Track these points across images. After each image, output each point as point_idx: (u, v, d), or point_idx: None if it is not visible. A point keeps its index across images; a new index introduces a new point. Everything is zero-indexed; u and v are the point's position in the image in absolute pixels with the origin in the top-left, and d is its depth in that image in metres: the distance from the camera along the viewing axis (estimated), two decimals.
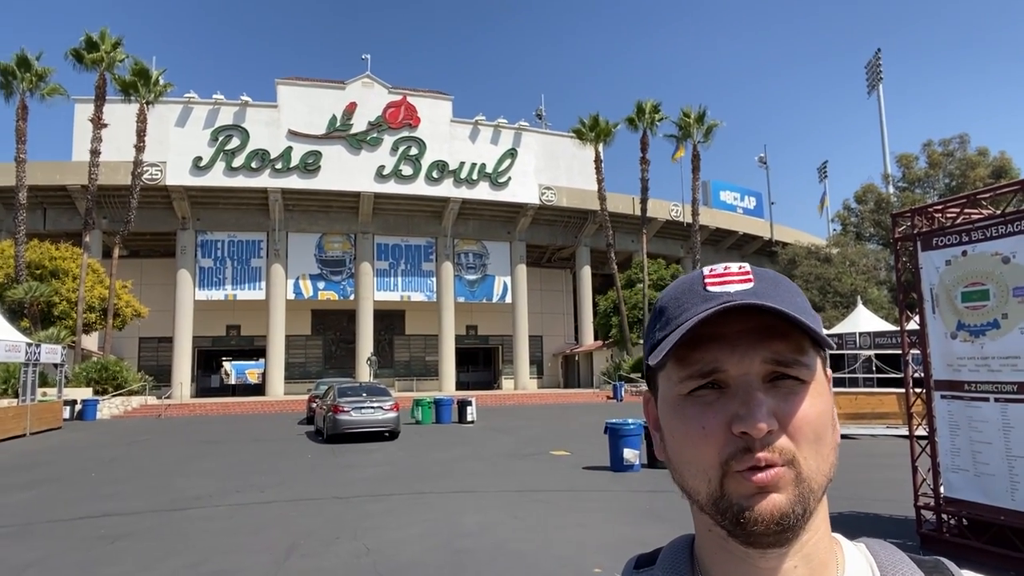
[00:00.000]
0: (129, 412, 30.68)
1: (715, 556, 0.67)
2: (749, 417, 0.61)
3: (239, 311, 45.05)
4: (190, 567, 6.67)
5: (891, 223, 7.85)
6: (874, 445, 16.24)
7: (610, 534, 7.72)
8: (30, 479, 12.81)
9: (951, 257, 6.76)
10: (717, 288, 0.66)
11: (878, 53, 55.90)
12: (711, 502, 0.63)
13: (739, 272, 0.68)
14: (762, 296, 0.64)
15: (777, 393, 0.63)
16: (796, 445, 0.62)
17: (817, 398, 0.64)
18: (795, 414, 0.63)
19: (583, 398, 38.09)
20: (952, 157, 41.84)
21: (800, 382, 0.64)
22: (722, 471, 0.62)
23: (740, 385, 0.63)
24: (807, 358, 0.64)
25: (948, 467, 6.78)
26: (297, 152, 41.76)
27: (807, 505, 0.62)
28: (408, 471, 13.12)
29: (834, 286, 39.22)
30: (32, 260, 33.00)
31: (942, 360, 6.86)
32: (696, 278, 0.69)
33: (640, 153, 43.42)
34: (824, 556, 0.66)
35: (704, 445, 0.63)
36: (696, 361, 0.64)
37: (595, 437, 16.41)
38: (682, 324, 0.64)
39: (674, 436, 0.67)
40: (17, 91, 32.51)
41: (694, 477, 0.65)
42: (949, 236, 6.79)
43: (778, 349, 0.63)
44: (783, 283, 0.67)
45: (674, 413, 0.67)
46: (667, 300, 0.70)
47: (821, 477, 0.63)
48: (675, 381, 0.66)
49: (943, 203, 7.22)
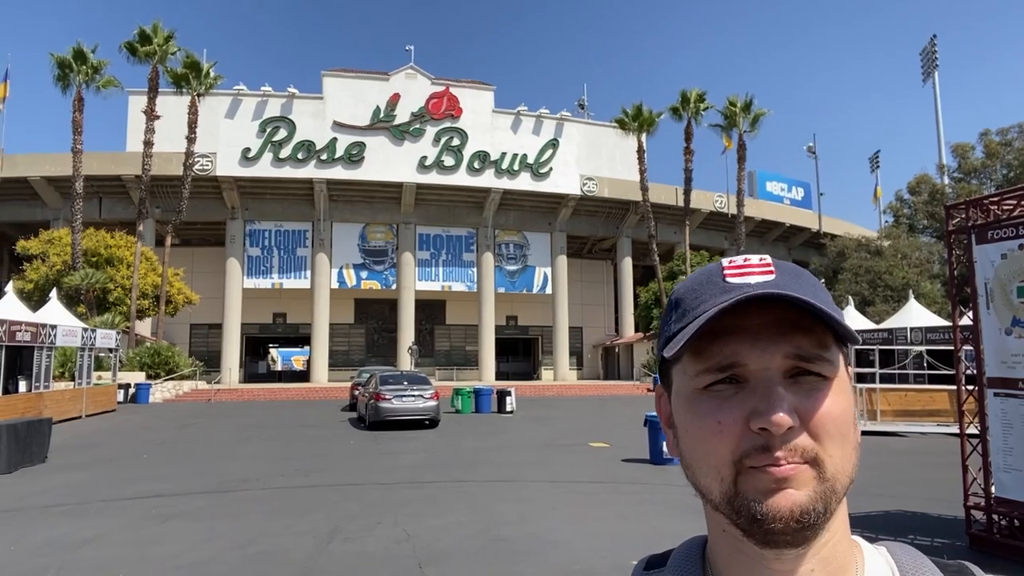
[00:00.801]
0: (180, 396, 31.61)
1: (728, 558, 0.65)
2: (769, 412, 0.58)
3: (285, 299, 45.95)
4: (237, 547, 6.87)
5: (945, 215, 7.62)
6: (923, 443, 15.84)
7: (649, 527, 7.70)
8: (85, 459, 13.32)
9: (1007, 251, 6.54)
10: (737, 279, 0.63)
11: (933, 39, 54.03)
12: (725, 500, 0.61)
13: (760, 264, 0.65)
14: (784, 288, 0.61)
15: (799, 389, 0.60)
16: (820, 443, 0.59)
17: (840, 395, 0.62)
18: (818, 411, 0.60)
19: (623, 390, 37.90)
20: (1011, 147, 40.28)
21: (823, 378, 0.61)
22: (736, 469, 0.60)
23: (760, 380, 0.60)
24: (830, 354, 0.62)
25: (1000, 466, 6.58)
26: (342, 143, 42.29)
27: (828, 504, 0.59)
28: (447, 459, 13.27)
29: (884, 280, 38.15)
30: (88, 248, 34.14)
31: (996, 357, 6.65)
32: (715, 269, 0.66)
33: (684, 143, 42.90)
34: (843, 559, 0.63)
35: (718, 441, 0.60)
36: (714, 354, 0.61)
37: (635, 429, 16.34)
38: (699, 316, 0.62)
39: (688, 432, 0.64)
40: (74, 83, 33.53)
41: (707, 475, 0.62)
42: (1005, 229, 6.57)
43: (801, 344, 0.60)
44: (805, 276, 0.65)
45: (689, 408, 0.64)
46: (684, 291, 0.67)
47: (844, 477, 0.61)
48: (691, 375, 0.64)
49: (999, 195, 6.97)
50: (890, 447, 15.09)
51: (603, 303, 53.52)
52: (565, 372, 46.98)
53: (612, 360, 50.88)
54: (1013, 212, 6.66)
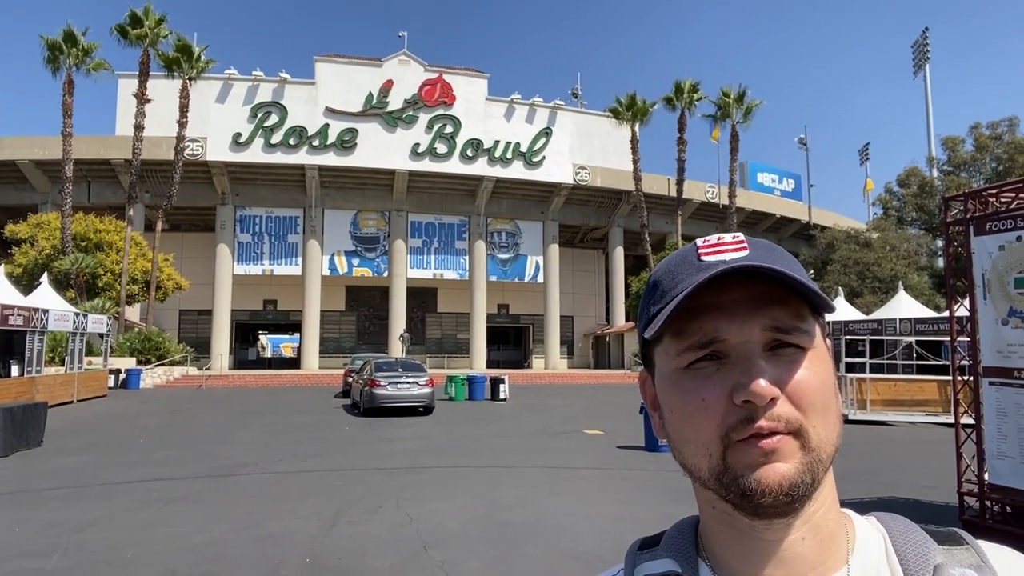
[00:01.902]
0: (171, 382, 31.52)
1: (719, 534, 0.66)
2: (751, 384, 0.59)
3: (276, 286, 45.78)
4: (242, 530, 6.92)
5: (943, 207, 7.73)
6: (913, 432, 16.07)
7: (647, 511, 7.81)
8: (81, 444, 13.30)
9: (1005, 243, 6.64)
10: (712, 257, 0.64)
11: (925, 32, 54.34)
12: (714, 477, 0.61)
13: (734, 241, 0.65)
14: (758, 262, 0.62)
15: (779, 362, 0.61)
16: (803, 413, 0.60)
17: (820, 365, 0.63)
18: (799, 382, 0.61)
19: (614, 379, 38.11)
20: (1000, 140, 40.68)
21: (801, 349, 0.62)
22: (723, 444, 0.60)
23: (740, 354, 0.61)
24: (807, 324, 0.63)
25: (994, 454, 6.72)
26: (334, 129, 42.06)
27: (815, 475, 0.60)
28: (445, 445, 13.35)
29: (873, 271, 38.50)
30: (77, 232, 33.84)
31: (992, 347, 6.77)
32: (690, 249, 0.67)
33: (677, 133, 42.95)
34: (833, 527, 0.64)
35: (704, 419, 0.61)
36: (694, 332, 0.62)
37: (627, 417, 16.50)
38: (677, 295, 0.62)
39: (673, 412, 0.65)
40: (64, 66, 33.09)
41: (695, 453, 0.63)
42: (1004, 221, 6.67)
43: (778, 316, 0.62)
44: (778, 251, 0.66)
45: (672, 388, 0.65)
46: (661, 273, 0.68)
47: (829, 446, 0.61)
48: (672, 355, 0.64)
49: (998, 187, 7.08)
50: (880, 436, 15.31)
51: (594, 292, 53.67)
52: (556, 361, 47.14)
53: (603, 349, 51.09)
54: (1011, 204, 6.76)
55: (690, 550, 0.69)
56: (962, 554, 0.63)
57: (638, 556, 0.73)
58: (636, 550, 0.74)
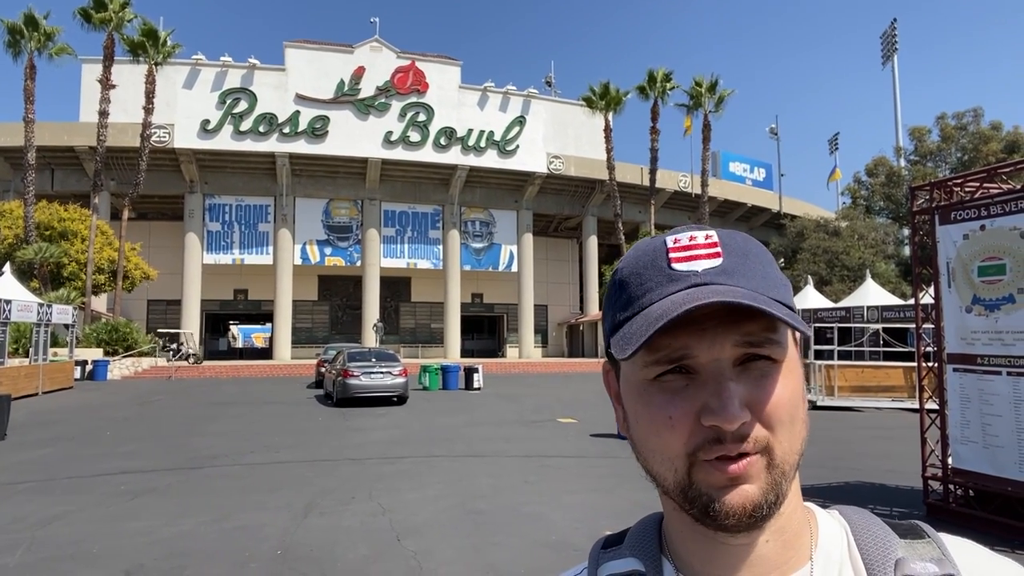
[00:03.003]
0: (139, 373, 31.01)
1: (683, 534, 0.65)
2: (722, 410, 0.57)
3: (246, 275, 45.20)
4: (213, 522, 6.84)
5: (909, 196, 7.85)
6: (879, 418, 16.39)
7: (620, 499, 7.86)
8: (46, 436, 13.03)
9: (969, 231, 6.77)
10: (683, 265, 0.61)
11: (894, 23, 55.09)
12: (679, 490, 0.60)
13: (706, 244, 0.62)
14: (732, 273, 0.60)
15: (749, 377, 0.59)
16: (771, 431, 0.59)
17: (790, 377, 0.61)
18: (769, 400, 0.59)
19: (588, 367, 38.31)
20: (965, 131, 41.43)
21: (772, 362, 0.60)
22: (689, 461, 0.59)
23: (711, 372, 0.59)
24: (779, 335, 0.60)
25: (957, 439, 6.87)
26: (305, 116, 41.51)
27: (780, 491, 0.59)
28: (418, 435, 13.31)
29: (842, 260, 39.12)
30: (41, 221, 33.07)
31: (956, 334, 6.91)
32: (659, 249, 0.64)
33: (650, 123, 43.10)
34: (797, 527, 0.64)
35: (670, 436, 0.60)
36: (663, 347, 0.59)
37: (600, 406, 16.60)
38: (645, 308, 0.60)
39: (639, 422, 0.63)
40: (25, 50, 32.21)
41: (659, 465, 0.62)
42: (968, 210, 6.79)
43: (750, 330, 0.59)
44: (752, 252, 0.63)
45: (639, 399, 0.63)
46: (627, 273, 0.64)
47: (793, 456, 0.60)
48: (640, 366, 0.62)
49: (962, 177, 7.20)
50: (848, 421, 15.59)
51: (568, 281, 53.83)
52: (530, 350, 47.26)
53: (577, 338, 51.33)
54: (975, 194, 6.89)
55: (654, 549, 0.69)
56: (923, 547, 0.63)
57: (602, 555, 0.72)
58: (600, 549, 0.73)
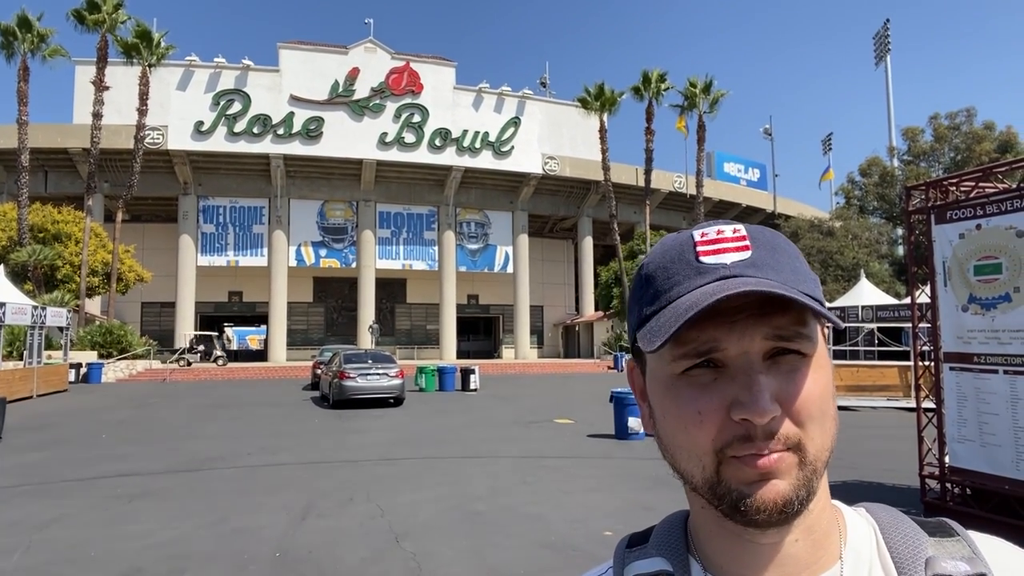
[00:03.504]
0: (134, 376, 30.90)
1: (710, 533, 0.64)
2: (752, 404, 0.56)
3: (241, 277, 45.11)
4: (210, 525, 6.81)
5: (904, 196, 7.87)
6: (875, 417, 16.42)
7: (619, 499, 7.87)
8: (41, 440, 12.97)
9: (965, 231, 6.79)
10: (711, 259, 0.60)
11: (887, 24, 55.27)
12: (707, 487, 0.59)
13: (734, 237, 0.61)
14: (761, 266, 0.59)
15: (779, 371, 0.58)
16: (802, 427, 0.58)
17: (820, 371, 0.60)
18: (799, 395, 0.58)
19: (584, 368, 38.34)
20: (958, 131, 41.60)
21: (802, 356, 0.59)
22: (718, 458, 0.58)
23: (740, 366, 0.58)
24: (809, 329, 0.59)
25: (954, 437, 6.89)
26: (299, 118, 41.46)
27: (811, 487, 0.58)
28: (416, 436, 13.30)
29: (836, 259, 39.24)
30: (35, 223, 32.93)
31: (952, 333, 6.93)
32: (686, 243, 0.62)
33: (645, 123, 43.19)
34: (826, 526, 0.63)
35: (699, 431, 0.58)
36: (692, 340, 0.58)
37: (597, 406, 16.61)
38: (673, 300, 0.59)
39: (666, 418, 0.62)
40: (19, 52, 32.10)
41: (687, 461, 0.60)
42: (964, 210, 6.81)
43: (779, 323, 0.58)
44: (780, 246, 0.62)
45: (666, 393, 0.62)
46: (654, 267, 0.63)
47: (825, 453, 0.59)
48: (667, 360, 0.60)
49: (958, 176, 7.23)
50: (844, 421, 15.40)
51: (564, 282, 53.88)
52: (526, 351, 47.28)
53: (573, 339, 51.36)
54: (971, 194, 6.91)
55: (680, 547, 0.67)
56: (953, 546, 0.61)
57: (627, 554, 0.70)
58: (625, 548, 0.71)
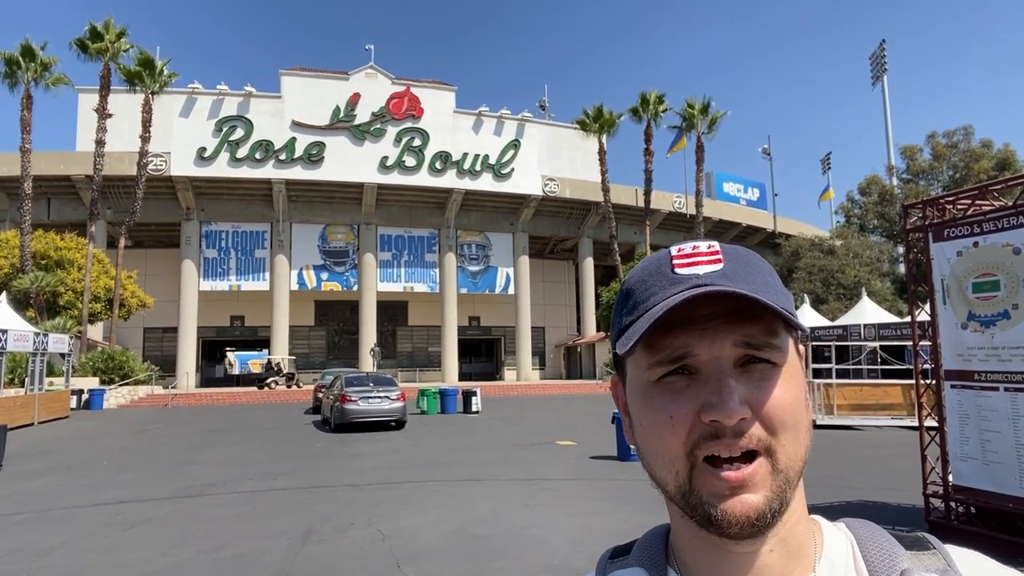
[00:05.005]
0: (136, 401, 30.84)
1: (689, 543, 0.66)
2: (721, 405, 0.58)
3: (243, 301, 45.16)
4: (210, 551, 6.78)
5: (902, 214, 7.91)
6: (878, 436, 16.34)
7: (621, 521, 7.81)
8: (42, 467, 12.93)
9: (962, 248, 6.81)
10: (685, 270, 0.63)
11: (883, 44, 55.77)
12: (680, 495, 0.61)
13: (708, 252, 0.65)
14: (732, 277, 0.62)
15: (749, 379, 0.60)
16: (772, 433, 0.60)
17: (791, 381, 0.62)
18: (768, 400, 0.60)
19: (586, 389, 38.21)
20: (956, 149, 41.83)
21: (772, 365, 0.61)
22: (689, 462, 0.60)
23: (711, 371, 0.60)
24: (779, 340, 0.62)
25: (957, 456, 6.86)
26: (301, 143, 41.77)
27: (784, 497, 0.60)
28: (417, 460, 13.24)
29: (837, 278, 39.26)
30: (37, 250, 33.08)
31: (952, 350, 6.93)
32: (663, 258, 0.66)
33: (644, 144, 43.46)
34: (802, 538, 0.64)
35: (671, 435, 0.61)
36: (665, 347, 0.62)
37: (600, 427, 16.53)
38: (650, 309, 0.62)
39: (642, 424, 0.65)
40: (22, 81, 32.44)
41: (662, 467, 0.63)
42: (961, 227, 6.85)
43: (749, 332, 0.61)
44: (753, 261, 0.65)
45: (642, 401, 0.64)
46: (634, 282, 0.67)
47: (798, 463, 0.61)
48: (643, 367, 0.64)
49: (954, 194, 7.27)
50: (847, 440, 15.54)
51: (565, 303, 53.87)
52: (528, 372, 47.15)
53: (575, 360, 51.25)
54: (968, 211, 6.95)
55: (660, 558, 0.70)
56: (929, 559, 0.63)
57: (608, 564, 0.73)
58: (607, 558, 0.74)
